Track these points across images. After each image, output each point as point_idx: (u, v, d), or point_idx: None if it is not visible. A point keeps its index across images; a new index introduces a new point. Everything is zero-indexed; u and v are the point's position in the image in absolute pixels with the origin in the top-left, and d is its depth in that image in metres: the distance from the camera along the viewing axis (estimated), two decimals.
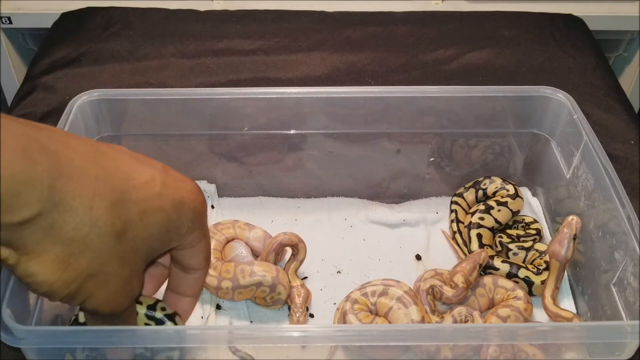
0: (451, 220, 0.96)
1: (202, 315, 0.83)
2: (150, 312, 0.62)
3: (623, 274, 0.75)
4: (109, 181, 0.49)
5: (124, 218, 0.49)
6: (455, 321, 0.79)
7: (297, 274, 0.88)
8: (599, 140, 0.83)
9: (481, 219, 0.93)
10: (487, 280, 0.85)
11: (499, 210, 0.94)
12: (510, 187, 0.97)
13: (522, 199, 0.97)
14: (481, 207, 0.94)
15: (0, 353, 0.77)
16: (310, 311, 0.85)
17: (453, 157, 1.00)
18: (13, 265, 0.47)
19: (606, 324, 0.75)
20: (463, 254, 0.92)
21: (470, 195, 0.99)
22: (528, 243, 0.91)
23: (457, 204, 0.98)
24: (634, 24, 1.38)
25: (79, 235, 0.47)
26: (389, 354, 0.72)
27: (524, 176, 1.02)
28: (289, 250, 0.88)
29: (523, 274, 0.86)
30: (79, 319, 0.67)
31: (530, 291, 0.86)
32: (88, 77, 1.18)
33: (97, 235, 0.48)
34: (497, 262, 0.87)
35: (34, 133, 0.46)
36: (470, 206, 0.98)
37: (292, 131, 0.95)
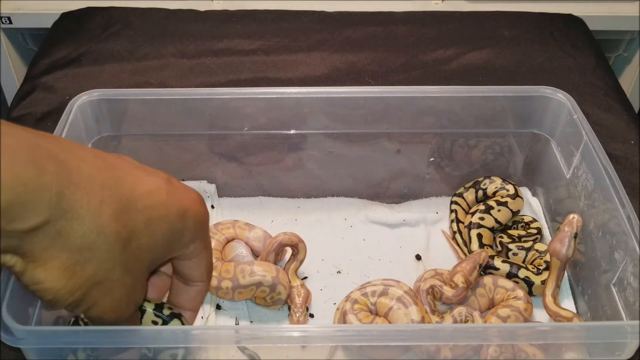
0: (451, 220, 0.96)
1: (202, 315, 0.83)
2: (157, 311, 0.62)
3: (623, 274, 0.75)
4: (116, 190, 0.49)
5: (130, 226, 0.50)
6: (455, 321, 0.79)
7: (297, 274, 0.88)
8: (599, 140, 0.83)
9: (481, 219, 0.93)
10: (487, 280, 0.85)
11: (499, 210, 0.94)
12: (510, 187, 0.97)
13: (522, 199, 0.97)
14: (481, 207, 0.94)
15: (0, 353, 0.77)
16: (310, 311, 0.85)
17: (453, 157, 1.00)
18: (20, 273, 0.47)
19: (606, 324, 0.75)
20: (463, 254, 0.92)
21: (470, 195, 0.99)
22: (528, 243, 0.91)
23: (457, 204, 0.98)
24: (634, 24, 1.38)
25: (86, 242, 0.47)
26: (389, 354, 0.72)
27: (524, 176, 1.02)
28: (289, 250, 0.88)
29: (523, 274, 0.86)
30: (79, 320, 0.67)
31: (530, 291, 0.86)
32: (88, 77, 1.18)
33: (104, 243, 0.48)
34: (497, 262, 0.87)
35: (42, 141, 0.46)
36: (470, 206, 0.98)
37: (292, 131, 0.95)
